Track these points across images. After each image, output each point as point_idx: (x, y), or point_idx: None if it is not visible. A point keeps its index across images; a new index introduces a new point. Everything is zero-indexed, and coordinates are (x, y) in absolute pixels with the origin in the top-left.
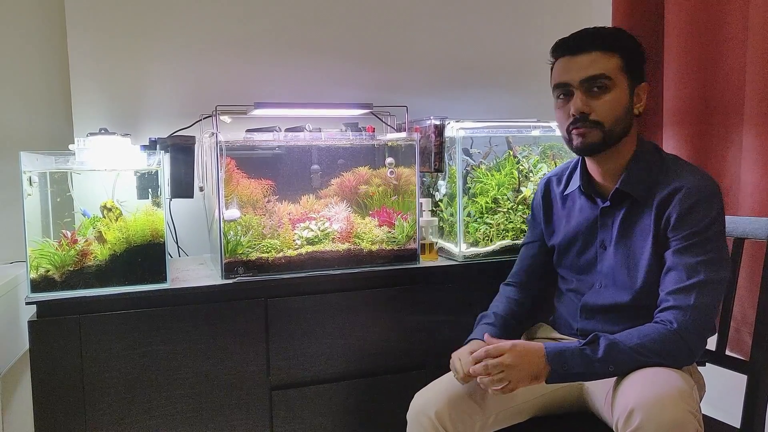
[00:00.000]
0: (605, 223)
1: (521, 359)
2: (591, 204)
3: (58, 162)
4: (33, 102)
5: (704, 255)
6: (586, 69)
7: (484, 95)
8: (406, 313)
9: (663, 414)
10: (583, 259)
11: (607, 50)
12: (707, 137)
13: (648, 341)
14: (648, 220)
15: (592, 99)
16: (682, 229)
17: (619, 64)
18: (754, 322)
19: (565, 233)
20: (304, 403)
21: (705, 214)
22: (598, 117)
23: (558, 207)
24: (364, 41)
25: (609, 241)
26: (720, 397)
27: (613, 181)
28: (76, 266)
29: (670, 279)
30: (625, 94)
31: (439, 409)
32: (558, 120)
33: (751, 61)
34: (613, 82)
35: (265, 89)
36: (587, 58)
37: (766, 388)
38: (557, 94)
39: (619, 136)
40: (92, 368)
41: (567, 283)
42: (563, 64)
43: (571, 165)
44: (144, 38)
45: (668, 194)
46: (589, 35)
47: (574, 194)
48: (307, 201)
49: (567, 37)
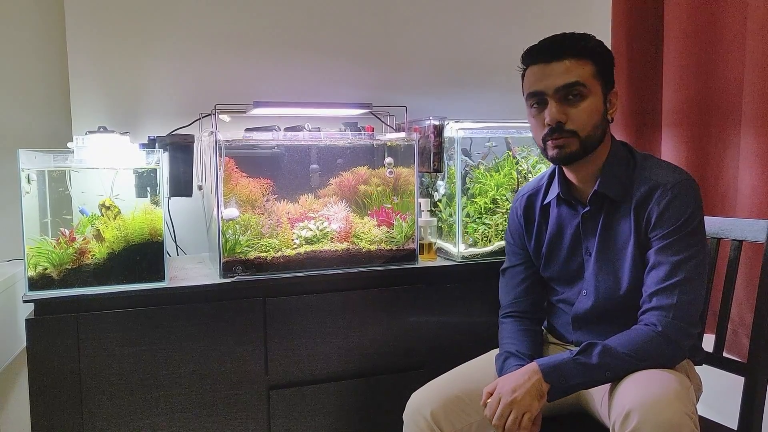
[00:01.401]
0: (587, 230)
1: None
2: (572, 211)
3: (57, 160)
4: (32, 100)
5: (685, 252)
6: (561, 77)
7: (483, 95)
8: (404, 313)
9: (659, 415)
10: (570, 267)
11: (580, 57)
12: (705, 139)
13: (635, 345)
14: (627, 222)
15: (567, 107)
16: (661, 227)
17: (592, 70)
18: (751, 324)
19: (549, 243)
20: (302, 403)
21: (683, 211)
22: (574, 126)
23: (539, 220)
24: (363, 41)
25: (593, 247)
26: (717, 399)
27: (591, 184)
28: (74, 264)
29: (652, 278)
30: (600, 100)
31: (435, 409)
32: (532, 129)
33: (750, 63)
34: (588, 90)
35: (264, 88)
36: (561, 65)
37: (764, 390)
38: (531, 103)
39: (595, 144)
40: (89, 367)
41: (556, 293)
42: (536, 72)
43: (546, 177)
44: (143, 36)
45: (646, 193)
46: (561, 42)
47: (553, 204)
48: (305, 200)
49: (538, 44)
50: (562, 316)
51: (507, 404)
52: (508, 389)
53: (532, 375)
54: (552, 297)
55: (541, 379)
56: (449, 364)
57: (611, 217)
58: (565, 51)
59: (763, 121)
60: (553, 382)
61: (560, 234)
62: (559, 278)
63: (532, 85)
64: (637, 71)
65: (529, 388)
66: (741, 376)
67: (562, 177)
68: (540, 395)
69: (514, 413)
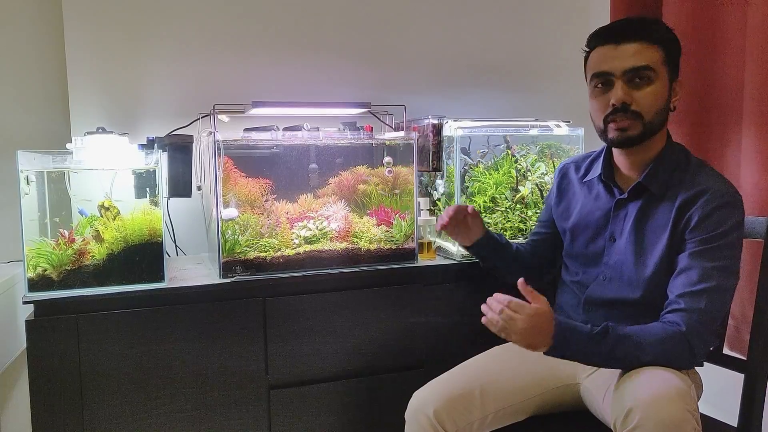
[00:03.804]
0: (618, 216)
1: (531, 329)
2: (607, 194)
3: (56, 161)
4: (30, 101)
5: (720, 261)
6: (631, 59)
7: (482, 94)
8: (404, 312)
9: (661, 413)
10: (591, 249)
11: (650, 42)
12: (706, 137)
13: (653, 340)
14: (665, 218)
15: (633, 90)
16: (701, 231)
17: (661, 56)
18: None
19: (577, 219)
20: (302, 403)
21: (726, 220)
22: (639, 108)
23: (574, 191)
24: (362, 40)
25: (619, 234)
26: (718, 396)
27: (637, 173)
28: (74, 265)
29: (681, 281)
30: (666, 87)
31: (437, 408)
32: (593, 110)
33: (750, 60)
34: (656, 75)
35: (263, 88)
36: (631, 48)
37: (764, 387)
38: (595, 83)
39: (656, 130)
40: (89, 367)
41: (571, 274)
42: (604, 53)
43: (594, 154)
44: (142, 37)
45: (693, 195)
46: (632, 25)
47: (592, 182)
48: (305, 200)
49: (609, 25)
50: (573, 297)
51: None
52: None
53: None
54: (566, 276)
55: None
56: (449, 363)
57: (647, 209)
58: (637, 34)
59: (763, 118)
60: (557, 345)
61: (590, 213)
62: (578, 258)
63: (599, 65)
64: None
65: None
66: (742, 373)
67: (608, 159)
68: (532, 346)
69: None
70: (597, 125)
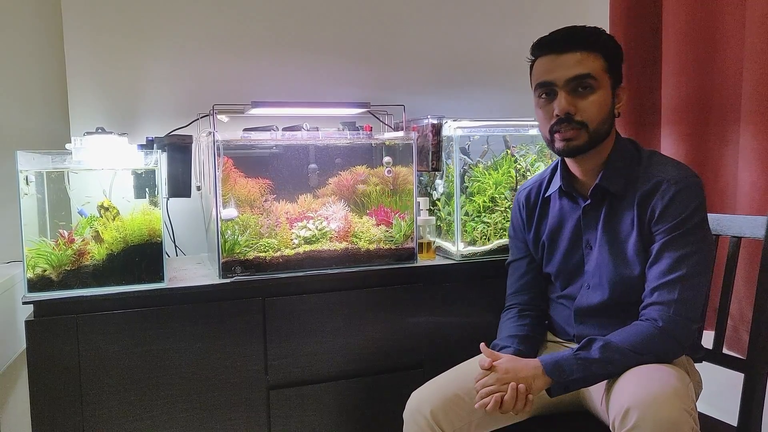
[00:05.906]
0: (589, 223)
1: (514, 377)
2: (573, 204)
3: (55, 161)
4: (29, 101)
5: (688, 247)
6: (572, 68)
7: (481, 94)
8: (404, 312)
9: (659, 412)
10: (570, 262)
11: (591, 50)
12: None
13: (636, 340)
14: (630, 216)
15: (577, 99)
16: (665, 221)
17: (603, 64)
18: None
19: (550, 237)
20: (301, 403)
21: (687, 205)
22: (584, 118)
23: (539, 213)
24: (361, 40)
25: (594, 241)
26: (717, 396)
27: (593, 177)
28: (73, 266)
29: (654, 273)
30: (609, 94)
31: (435, 408)
32: (539, 120)
33: (749, 60)
34: (598, 83)
35: (262, 88)
36: (572, 57)
37: (763, 387)
38: (539, 94)
39: (602, 137)
40: (89, 368)
41: (557, 290)
42: (546, 63)
43: (548, 171)
44: (141, 37)
45: (651, 188)
46: (573, 34)
47: (554, 196)
48: (304, 200)
49: (550, 35)
50: (564, 311)
51: (506, 371)
52: (508, 367)
53: (535, 367)
54: (552, 294)
55: (543, 373)
56: (448, 363)
57: (613, 211)
58: (578, 43)
59: (761, 117)
60: (555, 377)
61: (561, 227)
62: (560, 274)
63: (542, 76)
64: (635, 69)
65: (523, 369)
66: (741, 373)
67: (564, 170)
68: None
69: (513, 384)
70: (544, 135)
